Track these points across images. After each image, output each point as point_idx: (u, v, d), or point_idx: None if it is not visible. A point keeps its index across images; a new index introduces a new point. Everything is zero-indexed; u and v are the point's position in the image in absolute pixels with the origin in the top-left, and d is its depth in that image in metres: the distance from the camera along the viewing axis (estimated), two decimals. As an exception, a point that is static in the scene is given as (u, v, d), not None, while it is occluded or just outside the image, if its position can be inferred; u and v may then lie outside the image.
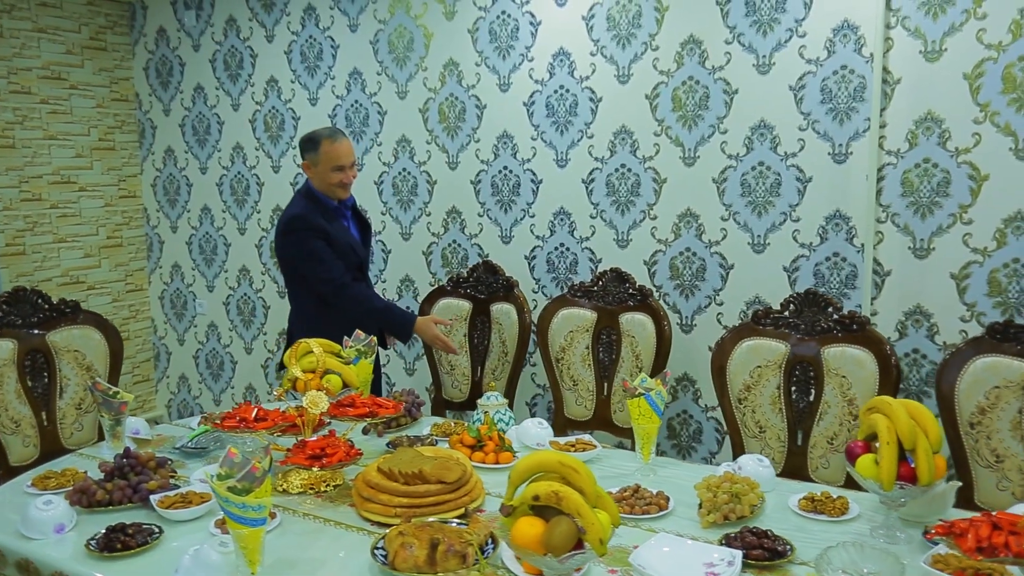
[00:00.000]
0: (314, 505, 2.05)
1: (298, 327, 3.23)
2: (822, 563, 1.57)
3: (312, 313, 3.17)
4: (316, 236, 3.05)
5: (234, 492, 1.55)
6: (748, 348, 2.71)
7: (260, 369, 4.74)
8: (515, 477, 1.51)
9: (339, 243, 3.09)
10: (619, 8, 3.44)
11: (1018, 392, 2.33)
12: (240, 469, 1.59)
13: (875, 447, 1.82)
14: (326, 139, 3.06)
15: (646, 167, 3.47)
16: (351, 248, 3.15)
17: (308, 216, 3.08)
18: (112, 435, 2.36)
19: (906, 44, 2.93)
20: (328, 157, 3.05)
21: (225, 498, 1.55)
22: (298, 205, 3.15)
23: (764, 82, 3.19)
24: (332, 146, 3.05)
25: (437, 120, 3.95)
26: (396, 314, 3.18)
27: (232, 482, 1.55)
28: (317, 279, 3.07)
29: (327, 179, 3.08)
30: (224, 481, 1.56)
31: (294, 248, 3.10)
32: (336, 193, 3.13)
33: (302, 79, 4.33)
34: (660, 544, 1.74)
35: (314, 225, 3.06)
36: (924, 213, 2.97)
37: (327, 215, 3.12)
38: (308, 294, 3.17)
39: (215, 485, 1.56)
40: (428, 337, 3.19)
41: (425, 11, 3.91)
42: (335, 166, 3.06)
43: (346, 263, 3.11)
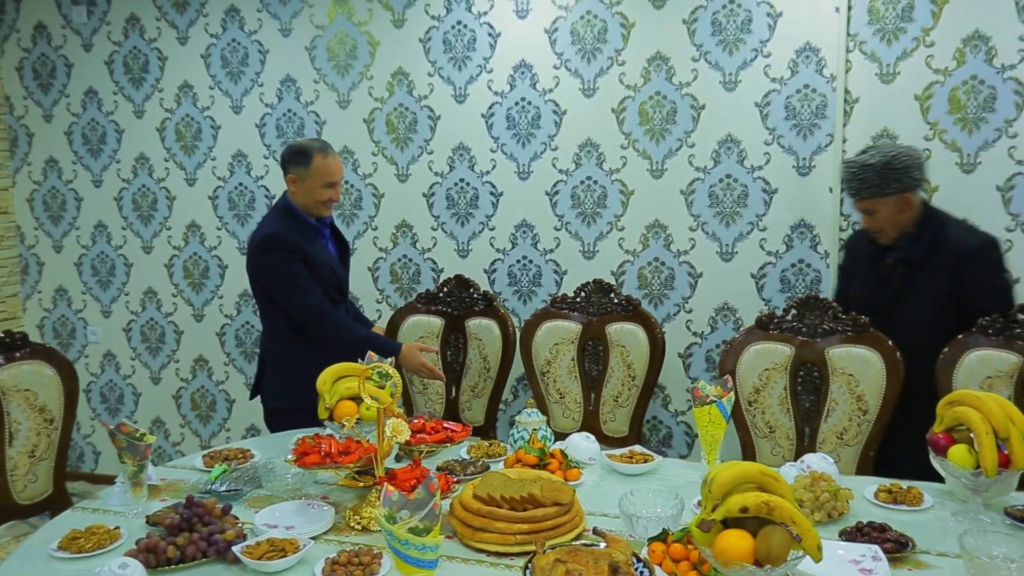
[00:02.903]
0: (410, 541, 1.90)
1: (272, 351, 3.01)
2: (969, 551, 1.67)
3: (287, 336, 2.95)
4: (294, 257, 2.84)
5: (415, 533, 1.42)
6: (756, 352, 2.83)
7: (171, 400, 4.33)
8: (717, 491, 1.49)
9: (318, 264, 2.90)
10: (583, 23, 3.48)
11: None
12: (416, 507, 1.45)
13: (956, 438, 1.97)
14: (318, 153, 2.86)
15: (613, 179, 3.53)
16: (331, 269, 2.96)
17: (285, 235, 2.86)
18: (134, 483, 2.07)
19: (863, 66, 3.19)
20: (320, 173, 2.85)
21: (405, 540, 1.42)
22: (274, 223, 2.92)
23: (731, 98, 3.35)
24: (325, 161, 2.86)
25: (384, 131, 3.81)
26: (379, 343, 2.93)
27: (414, 522, 1.42)
28: (293, 305, 2.86)
29: (315, 196, 2.88)
30: (403, 523, 1.43)
31: (269, 269, 2.87)
32: (320, 211, 2.93)
33: (223, 85, 4.02)
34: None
35: (292, 245, 2.85)
36: (882, 221, 3.23)
37: (306, 234, 2.92)
38: (283, 316, 2.94)
39: (394, 529, 1.42)
40: (414, 366, 2.97)
41: (370, 18, 3.76)
42: (327, 183, 2.87)
43: (325, 285, 2.92)
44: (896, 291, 2.75)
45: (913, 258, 2.70)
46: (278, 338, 2.98)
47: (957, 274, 2.65)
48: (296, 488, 2.17)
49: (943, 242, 2.69)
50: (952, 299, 2.66)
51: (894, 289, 2.75)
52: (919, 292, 2.71)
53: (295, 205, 2.92)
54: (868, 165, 2.66)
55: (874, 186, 2.66)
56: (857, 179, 2.69)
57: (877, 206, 2.69)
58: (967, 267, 2.66)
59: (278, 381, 2.98)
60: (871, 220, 2.74)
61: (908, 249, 2.72)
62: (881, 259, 2.78)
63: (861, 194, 2.70)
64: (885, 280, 2.78)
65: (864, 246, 2.87)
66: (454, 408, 3.42)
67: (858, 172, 2.68)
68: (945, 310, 2.67)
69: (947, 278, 2.66)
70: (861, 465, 2.69)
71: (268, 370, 3.01)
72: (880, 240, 2.77)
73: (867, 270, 2.85)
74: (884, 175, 2.64)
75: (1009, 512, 1.99)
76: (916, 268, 2.70)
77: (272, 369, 2.99)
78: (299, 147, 2.89)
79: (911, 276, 2.72)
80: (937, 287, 2.68)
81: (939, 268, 2.67)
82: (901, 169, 2.64)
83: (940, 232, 2.71)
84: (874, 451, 2.70)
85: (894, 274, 2.75)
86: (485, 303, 3.42)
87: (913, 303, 2.71)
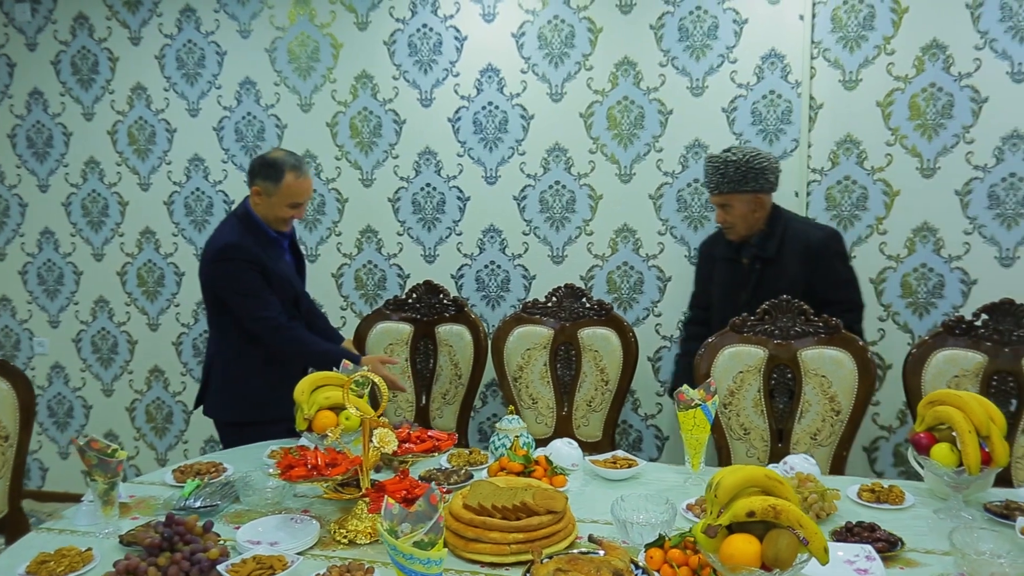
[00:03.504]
0: (400, 554, 1.85)
1: (219, 362, 2.91)
2: (960, 548, 1.69)
3: (236, 348, 2.86)
4: (251, 267, 2.76)
5: (420, 547, 1.38)
6: (730, 355, 2.84)
7: (125, 413, 4.18)
8: (723, 496, 1.48)
9: (276, 275, 2.82)
10: (551, 28, 3.47)
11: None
12: (418, 520, 1.41)
13: (938, 437, 2.00)
14: (291, 171, 2.75)
15: (581, 184, 3.53)
16: (288, 281, 2.88)
17: (244, 245, 2.78)
18: (105, 501, 1.97)
19: (827, 73, 3.24)
20: (289, 192, 2.76)
21: (409, 555, 1.37)
22: (233, 231, 2.83)
23: (698, 104, 3.38)
24: (296, 181, 2.75)
25: (348, 135, 3.74)
26: (340, 356, 2.81)
27: (420, 536, 1.38)
28: (250, 316, 2.78)
29: (277, 212, 2.80)
30: (407, 536, 1.38)
31: (227, 279, 2.78)
32: (279, 226, 2.86)
33: (178, 87, 3.90)
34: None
35: (250, 255, 2.76)
36: (846, 225, 3.30)
37: (265, 244, 2.83)
38: (233, 326, 2.84)
39: (398, 543, 1.37)
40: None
41: (333, 20, 3.69)
42: (294, 203, 2.79)
43: (282, 297, 2.84)
44: (755, 287, 2.93)
45: (767, 254, 2.90)
46: (227, 348, 2.89)
47: (807, 266, 2.87)
48: (276, 502, 2.10)
49: (792, 237, 2.90)
50: (803, 290, 2.84)
51: (753, 285, 2.93)
52: (775, 286, 2.87)
53: (255, 215, 2.83)
54: (731, 161, 2.84)
55: (733, 181, 2.84)
56: (719, 173, 2.86)
57: (733, 201, 2.87)
58: (816, 259, 2.88)
59: (225, 393, 2.90)
60: (724, 214, 2.91)
61: (761, 246, 2.91)
62: (738, 259, 2.97)
63: (720, 188, 2.87)
64: (744, 278, 2.96)
65: (720, 248, 3.04)
66: (425, 415, 3.37)
67: (720, 167, 2.85)
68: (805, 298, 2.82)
69: (798, 271, 2.88)
70: (835, 465, 2.73)
71: (214, 381, 2.93)
72: (729, 236, 2.96)
73: (726, 270, 3.02)
74: (744, 173, 2.83)
75: (988, 508, 2.03)
76: (770, 263, 2.90)
77: (218, 380, 2.91)
78: (271, 161, 2.77)
79: (766, 272, 2.91)
80: (790, 280, 2.87)
81: (791, 262, 2.88)
82: (759, 170, 2.83)
83: (788, 228, 2.92)
84: (847, 451, 2.74)
85: (751, 271, 2.94)
86: (455, 309, 3.38)
87: (770, 297, 2.84)
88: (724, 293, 3.03)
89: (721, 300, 3.03)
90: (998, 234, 3.16)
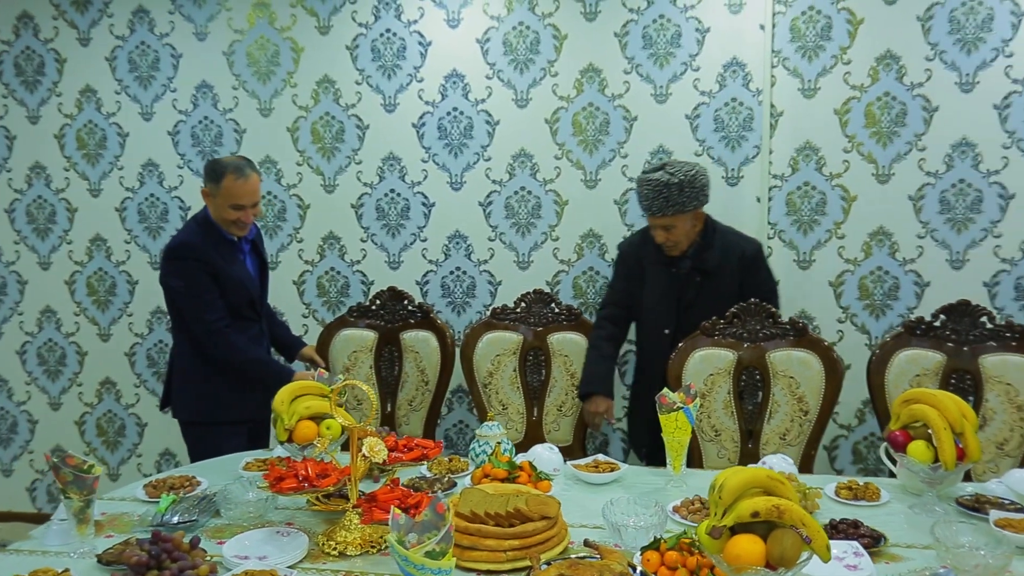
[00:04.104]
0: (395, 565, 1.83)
1: (179, 361, 2.95)
2: (943, 541, 1.75)
3: (193, 347, 2.88)
4: (201, 268, 2.80)
5: (431, 557, 1.37)
6: (701, 357, 2.89)
7: (74, 427, 4.03)
8: (727, 496, 1.49)
9: (229, 278, 2.84)
10: (516, 34, 3.48)
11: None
12: (424, 530, 1.40)
13: (913, 434, 2.07)
14: (231, 174, 2.78)
15: (547, 189, 3.54)
16: (242, 284, 2.89)
17: (197, 245, 2.82)
18: (80, 519, 1.89)
19: (787, 82, 3.33)
20: (229, 193, 2.78)
21: (420, 565, 1.36)
22: (190, 232, 2.89)
23: (662, 110, 3.43)
24: (235, 183, 2.77)
25: (310, 140, 3.68)
26: (272, 368, 2.88)
27: (431, 546, 1.36)
28: (192, 317, 2.84)
29: (223, 214, 2.83)
30: (419, 547, 1.36)
31: (175, 278, 2.84)
32: (230, 230, 2.87)
33: (131, 90, 3.79)
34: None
35: (202, 256, 2.80)
36: (806, 230, 3.38)
37: (221, 247, 2.86)
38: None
39: (409, 554, 1.36)
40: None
41: (294, 23, 3.63)
42: (233, 204, 2.80)
43: (235, 301, 2.87)
44: (695, 295, 2.98)
45: (708, 266, 2.95)
46: (187, 348, 2.91)
47: (741, 276, 2.97)
48: (258, 515, 2.05)
49: (728, 248, 2.97)
50: (735, 298, 2.91)
51: (693, 293, 2.98)
52: (714, 294, 2.95)
53: (213, 219, 2.87)
54: (673, 184, 2.80)
55: (678, 204, 2.81)
56: (661, 197, 2.81)
57: (676, 222, 2.86)
58: (749, 269, 2.98)
59: (186, 393, 2.94)
60: (668, 234, 2.89)
61: (701, 258, 2.95)
62: (674, 268, 2.99)
63: (665, 211, 2.83)
64: (683, 286, 2.99)
65: (651, 255, 3.02)
66: (390, 423, 3.33)
67: (662, 190, 2.80)
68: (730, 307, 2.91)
69: (734, 280, 2.96)
70: (804, 464, 2.79)
71: (176, 381, 2.96)
72: (671, 253, 2.95)
73: (660, 278, 3.01)
74: (687, 193, 2.82)
75: (960, 502, 2.10)
76: (709, 275, 2.96)
77: (178, 380, 2.95)
78: (215, 163, 2.84)
79: (705, 282, 2.97)
80: (726, 288, 2.95)
81: (728, 272, 2.96)
82: (700, 188, 2.86)
83: (724, 239, 2.98)
84: (815, 450, 2.81)
85: (690, 281, 2.97)
86: (421, 315, 3.36)
87: (709, 305, 2.93)
88: (658, 300, 3.02)
89: (654, 306, 3.04)
90: (949, 238, 3.29)
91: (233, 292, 2.85)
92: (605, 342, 3.12)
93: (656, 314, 3.04)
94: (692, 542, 1.72)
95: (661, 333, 3.03)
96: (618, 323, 3.15)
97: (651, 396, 2.98)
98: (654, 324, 3.05)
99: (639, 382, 3.21)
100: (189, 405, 2.94)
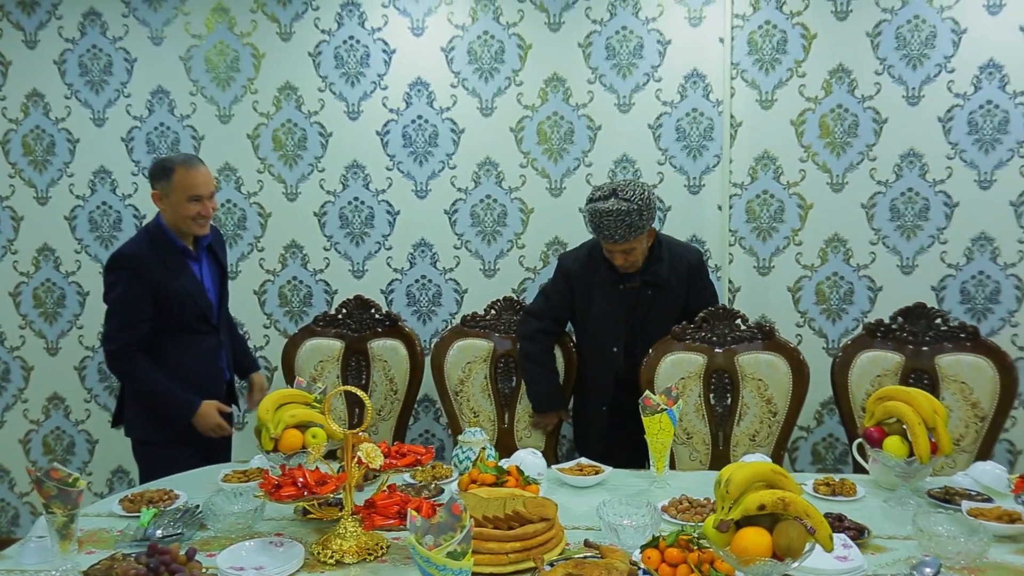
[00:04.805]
0: (393, 571, 1.82)
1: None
2: (925, 531, 1.83)
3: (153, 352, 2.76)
4: (135, 281, 2.68)
5: (453, 557, 1.37)
6: (672, 362, 2.94)
7: (18, 445, 3.86)
8: (734, 490, 1.53)
9: (174, 292, 2.73)
10: (480, 43, 3.51)
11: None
12: (440, 532, 1.39)
13: (887, 430, 2.15)
14: (180, 165, 2.70)
15: (512, 197, 3.57)
16: (189, 297, 2.77)
17: (138, 256, 2.71)
18: (63, 535, 1.82)
19: (745, 93, 3.43)
20: (183, 185, 2.68)
21: (442, 566, 1.36)
22: (134, 241, 2.81)
23: (625, 120, 3.49)
24: (188, 173, 2.69)
25: (271, 147, 3.63)
26: (172, 399, 2.74)
27: (453, 546, 1.36)
28: (107, 330, 2.75)
29: (181, 211, 2.70)
30: (441, 547, 1.36)
31: (107, 288, 2.75)
32: (192, 228, 2.75)
33: (81, 95, 3.67)
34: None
35: (139, 269, 2.69)
36: (765, 237, 3.49)
37: (169, 258, 2.75)
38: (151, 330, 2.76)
39: (432, 555, 1.35)
40: (208, 426, 2.75)
41: (254, 29, 3.58)
42: (191, 195, 2.69)
43: (184, 313, 2.76)
44: (647, 310, 3.02)
45: (660, 279, 2.99)
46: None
47: (688, 284, 3.04)
48: (246, 526, 2.00)
49: (675, 259, 3.02)
50: (683, 308, 3.03)
51: (646, 308, 3.02)
52: (664, 306, 3.02)
53: (165, 225, 2.76)
54: (633, 210, 2.78)
55: (638, 227, 2.82)
56: (624, 225, 2.78)
57: (636, 244, 2.87)
58: (694, 277, 3.06)
59: (137, 410, 2.82)
60: (628, 256, 2.89)
61: (651, 271, 2.98)
62: (622, 285, 2.99)
63: (628, 237, 2.81)
64: (635, 300, 3.01)
65: (601, 274, 3.00)
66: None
67: (624, 218, 2.78)
68: (679, 316, 3.01)
69: (682, 290, 3.04)
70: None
71: (127, 396, 2.85)
72: (629, 271, 2.95)
73: (609, 296, 3.00)
74: (646, 216, 2.83)
75: (931, 495, 2.20)
76: (661, 287, 3.00)
77: (131, 395, 2.83)
78: (161, 161, 2.76)
79: (657, 295, 3.01)
80: (676, 299, 3.03)
81: (678, 282, 3.02)
82: (654, 207, 2.88)
83: (670, 251, 3.03)
84: (784, 451, 2.89)
85: (642, 295, 3.00)
86: (389, 323, 3.33)
87: (662, 316, 3.01)
88: (606, 318, 3.02)
89: (602, 324, 3.03)
90: (899, 244, 3.43)
91: (180, 305, 2.74)
92: (546, 355, 3.15)
93: (604, 332, 3.03)
94: (691, 539, 1.75)
95: (609, 351, 3.04)
96: (552, 336, 3.15)
97: (598, 412, 3.05)
98: (601, 342, 3.05)
99: (584, 395, 3.18)
100: (141, 423, 2.80)
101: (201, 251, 2.86)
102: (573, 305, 3.10)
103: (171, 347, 2.77)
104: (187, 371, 2.79)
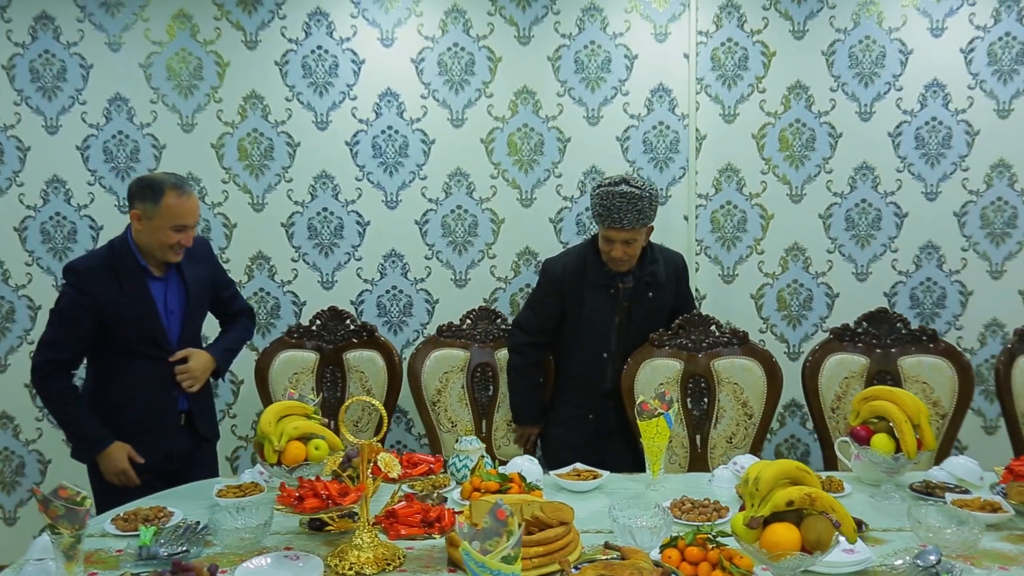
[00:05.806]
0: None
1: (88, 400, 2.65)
2: (923, 523, 1.93)
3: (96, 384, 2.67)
4: (78, 298, 2.52)
5: (507, 562, 1.38)
6: (650, 368, 3.01)
7: (-37, 468, 3.67)
8: (764, 488, 1.59)
9: (119, 315, 2.55)
10: (450, 55, 3.53)
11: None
12: (487, 537, 1.41)
13: (873, 429, 2.26)
14: (171, 190, 2.50)
15: (483, 208, 3.59)
16: (139, 318, 2.58)
17: (88, 270, 2.56)
18: (69, 556, 1.75)
19: (709, 107, 3.55)
20: (171, 213, 2.50)
21: (497, 571, 1.37)
22: (90, 255, 2.70)
23: (594, 132, 3.56)
24: (179, 200, 2.50)
25: (236, 157, 3.56)
26: (81, 430, 2.60)
27: (508, 550, 1.38)
28: (40, 341, 2.59)
29: (162, 237, 2.52)
30: (495, 552, 1.38)
31: (57, 299, 2.59)
32: (167, 256, 2.57)
33: (32, 101, 3.53)
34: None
35: (85, 285, 2.53)
36: (729, 246, 3.60)
37: (126, 275, 2.57)
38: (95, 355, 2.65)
39: (487, 560, 1.36)
40: (114, 470, 2.57)
41: (218, 37, 3.52)
42: (177, 225, 2.52)
43: (131, 336, 2.58)
44: (643, 311, 3.05)
45: (659, 279, 3.04)
46: (91, 382, 2.69)
47: (675, 286, 3.11)
48: (254, 541, 1.96)
49: (667, 261, 3.11)
50: (671, 310, 3.11)
51: (642, 310, 3.05)
52: (657, 307, 3.08)
53: (132, 242, 2.59)
54: (644, 196, 2.80)
55: (647, 216, 2.85)
56: (635, 209, 2.79)
57: (639, 235, 2.89)
58: (680, 279, 3.15)
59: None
60: (627, 248, 2.89)
61: (649, 272, 3.02)
62: (613, 288, 3.01)
63: (636, 224, 2.82)
64: (629, 302, 3.04)
65: (593, 277, 3.00)
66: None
67: (636, 202, 2.78)
68: (668, 319, 3.10)
69: (672, 292, 3.11)
70: (749, 465, 2.96)
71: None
72: (621, 268, 2.96)
73: (601, 298, 3.01)
74: (654, 206, 2.88)
75: (914, 488, 2.31)
76: (660, 287, 3.06)
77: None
78: (149, 180, 2.55)
79: (656, 294, 3.06)
80: (667, 301, 3.10)
81: (669, 283, 3.09)
82: (658, 202, 2.94)
83: (662, 253, 3.11)
84: (760, 452, 2.99)
85: (638, 296, 3.03)
86: (366, 334, 3.31)
87: (653, 316, 3.07)
88: (597, 320, 3.04)
89: (593, 326, 3.04)
90: (854, 253, 3.59)
91: (125, 327, 2.56)
92: (534, 368, 3.16)
93: (594, 338, 3.04)
94: (708, 537, 1.80)
95: (599, 356, 3.07)
96: (542, 349, 3.15)
97: (584, 421, 3.07)
98: (591, 348, 3.06)
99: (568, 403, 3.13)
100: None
101: (170, 270, 2.66)
102: (563, 312, 3.07)
103: (118, 370, 2.62)
104: (132, 398, 2.62)
